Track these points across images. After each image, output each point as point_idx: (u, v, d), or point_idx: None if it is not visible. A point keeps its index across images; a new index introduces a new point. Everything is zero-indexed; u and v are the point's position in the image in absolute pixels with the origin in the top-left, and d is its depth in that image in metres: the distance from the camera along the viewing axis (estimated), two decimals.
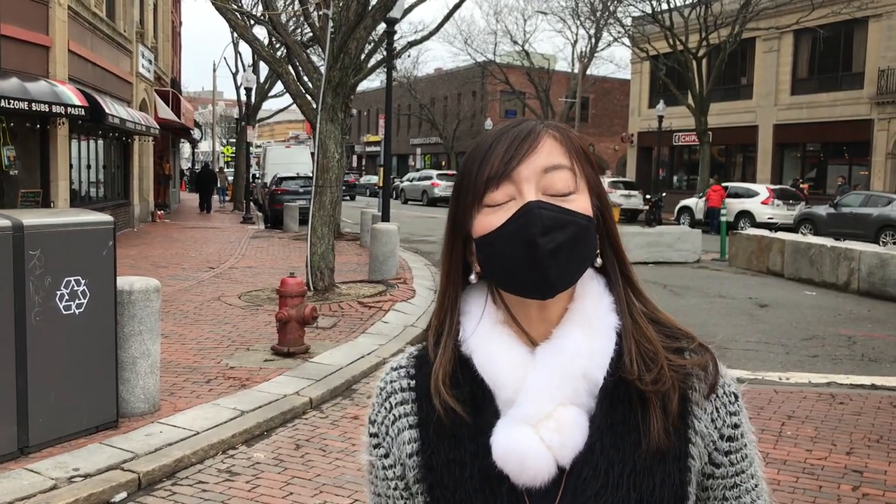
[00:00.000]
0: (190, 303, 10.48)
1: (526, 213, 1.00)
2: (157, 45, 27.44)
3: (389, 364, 1.18)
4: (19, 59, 13.56)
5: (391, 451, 1.13)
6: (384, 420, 1.13)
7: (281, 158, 32.27)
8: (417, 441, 1.10)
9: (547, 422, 1.02)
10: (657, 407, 1.03)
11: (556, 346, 1.04)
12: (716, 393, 1.08)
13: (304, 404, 6.30)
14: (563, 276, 1.02)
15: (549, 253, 0.99)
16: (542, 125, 1.08)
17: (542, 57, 47.71)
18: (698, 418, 1.06)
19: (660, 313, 1.13)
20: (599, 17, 37.84)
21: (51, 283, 5.01)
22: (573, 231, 1.01)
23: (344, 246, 17.55)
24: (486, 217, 1.04)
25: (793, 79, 32.97)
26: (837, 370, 7.81)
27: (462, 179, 1.08)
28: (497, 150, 1.04)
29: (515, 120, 1.10)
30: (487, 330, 1.08)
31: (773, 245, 15.29)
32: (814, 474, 5.01)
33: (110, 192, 20.40)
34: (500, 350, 1.06)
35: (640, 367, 1.04)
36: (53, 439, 5.09)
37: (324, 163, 11.16)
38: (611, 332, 1.06)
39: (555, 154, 1.04)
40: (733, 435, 1.08)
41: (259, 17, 15.86)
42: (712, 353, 1.10)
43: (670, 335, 1.11)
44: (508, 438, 1.02)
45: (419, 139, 61.60)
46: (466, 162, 1.08)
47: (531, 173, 1.02)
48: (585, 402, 1.04)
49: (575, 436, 1.02)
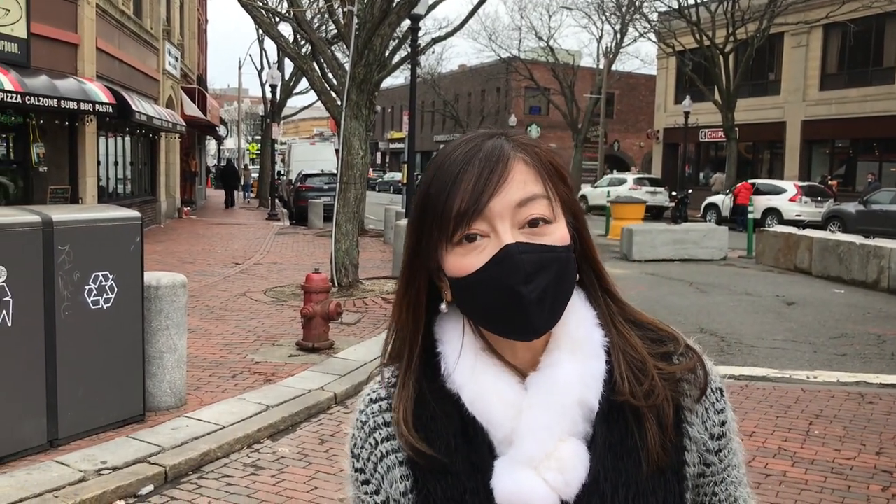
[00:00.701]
0: (216, 298, 10.56)
1: (505, 259, 0.94)
2: (184, 42, 27.67)
3: (366, 394, 1.11)
4: (48, 57, 13.74)
5: (381, 487, 1.06)
6: (370, 456, 1.07)
7: (305, 155, 32.39)
8: (410, 478, 1.03)
9: (548, 462, 0.97)
10: (652, 423, 1.00)
11: (547, 378, 0.99)
12: (705, 394, 1.05)
13: (328, 399, 6.33)
14: (549, 318, 0.97)
15: (532, 301, 0.94)
16: (509, 145, 0.99)
17: (566, 53, 47.44)
18: (691, 424, 1.04)
19: (641, 315, 1.10)
20: (625, 12, 37.56)
21: (79, 278, 5.07)
22: (556, 270, 0.96)
23: (368, 242, 17.61)
24: (461, 258, 0.97)
25: (822, 74, 32.53)
26: (867, 369, 7.70)
27: (425, 208, 0.99)
28: (465, 181, 0.96)
29: (477, 135, 1.02)
30: (471, 362, 1.02)
31: (800, 242, 15.11)
32: (842, 474, 4.95)
33: (137, 188, 20.62)
34: (489, 386, 1.00)
35: (632, 382, 1.00)
36: (82, 432, 5.15)
37: (348, 159, 11.19)
38: (599, 352, 1.02)
39: (527, 183, 0.97)
40: (721, 433, 1.06)
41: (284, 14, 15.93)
42: (699, 354, 1.06)
43: (655, 339, 1.07)
44: (512, 483, 0.97)
45: (443, 136, 61.59)
46: (429, 188, 0.99)
47: (504, 208, 0.95)
48: (582, 429, 0.99)
49: (578, 471, 0.97)
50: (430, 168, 1.02)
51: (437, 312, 1.06)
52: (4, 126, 13.64)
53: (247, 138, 70.20)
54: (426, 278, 1.03)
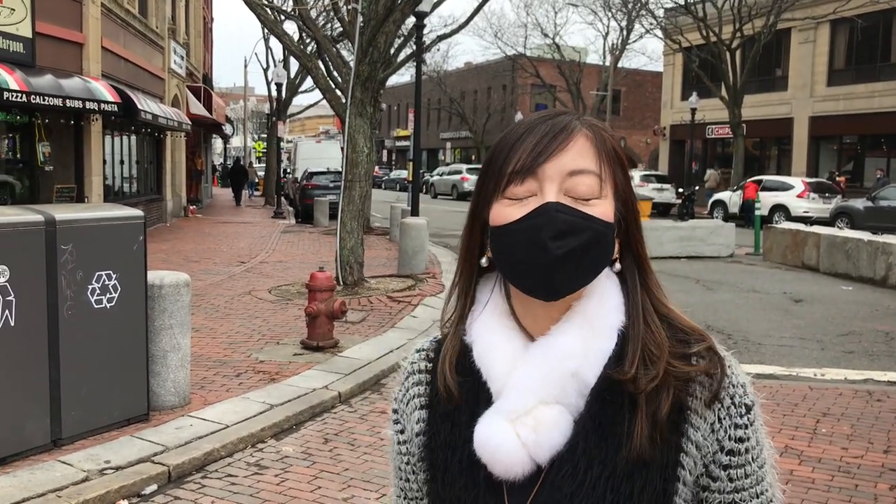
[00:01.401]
0: (221, 297, 10.56)
1: (542, 213, 0.99)
2: (189, 41, 27.70)
3: (415, 346, 1.23)
4: (54, 56, 13.75)
5: (405, 427, 1.17)
6: (403, 398, 1.18)
7: (311, 153, 32.41)
8: (425, 421, 1.14)
9: (525, 418, 1.01)
10: (645, 413, 1.00)
11: (548, 343, 1.04)
12: (721, 402, 1.02)
13: (332, 398, 6.31)
14: (570, 281, 1.01)
15: (557, 258, 0.98)
16: (577, 121, 1.05)
17: (573, 50, 47.38)
18: (695, 427, 1.01)
19: (679, 317, 1.09)
20: (631, 8, 37.47)
21: (82, 278, 5.07)
22: (588, 237, 0.99)
23: (373, 240, 17.59)
24: (504, 208, 1.03)
25: (829, 70, 32.37)
26: (874, 367, 7.65)
27: (488, 165, 1.07)
28: (526, 143, 1.03)
29: (552, 111, 1.08)
30: (491, 320, 1.09)
31: (808, 239, 15.03)
32: (850, 473, 4.91)
33: (143, 187, 20.65)
34: (497, 342, 1.07)
35: (638, 368, 1.01)
36: (85, 432, 5.15)
37: (353, 157, 11.17)
38: (612, 333, 1.04)
39: (584, 157, 1.02)
40: (736, 449, 1.02)
41: (289, 12, 15.93)
42: (722, 360, 1.04)
43: (682, 339, 1.06)
44: (487, 430, 1.03)
45: (449, 133, 61.55)
46: (495, 148, 1.07)
47: (556, 173, 1.01)
48: (574, 402, 1.02)
49: (553, 435, 1.01)
50: (504, 132, 1.10)
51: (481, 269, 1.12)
52: (10, 125, 13.66)
53: (253, 137, 70.28)
54: (481, 231, 1.09)
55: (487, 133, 54.14)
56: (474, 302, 1.12)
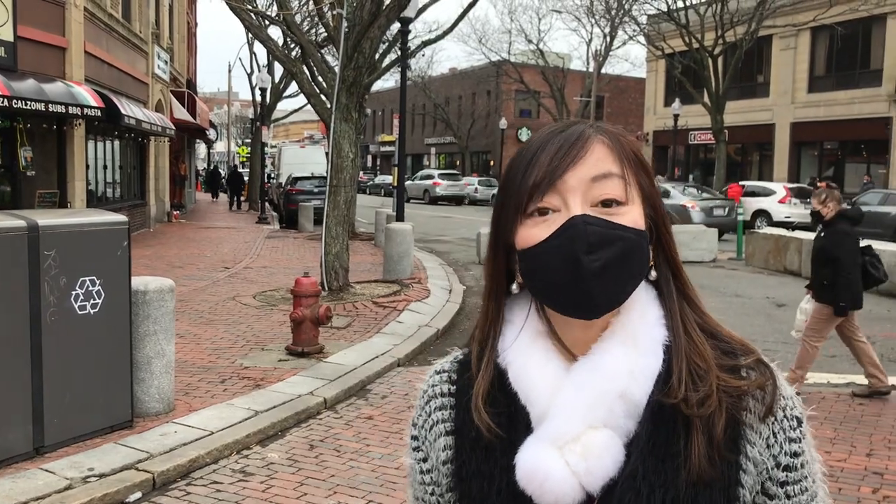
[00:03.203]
0: (205, 303, 10.50)
1: (570, 228, 0.94)
2: (173, 45, 27.57)
3: (434, 367, 1.15)
4: (36, 60, 13.65)
5: (429, 455, 1.10)
6: (424, 423, 1.11)
7: (296, 158, 32.32)
8: (452, 449, 1.07)
9: (573, 445, 0.96)
10: (700, 432, 0.95)
11: (592, 363, 0.98)
12: (774, 416, 0.98)
13: (318, 404, 6.29)
14: (611, 296, 0.96)
15: (594, 273, 0.93)
16: (591, 129, 1.01)
17: (556, 56, 47.56)
18: (752, 443, 0.97)
19: (719, 327, 1.05)
20: (614, 15, 37.68)
21: (66, 284, 5.03)
22: (621, 247, 0.95)
23: (359, 245, 17.56)
24: (529, 229, 0.98)
25: (810, 76, 32.71)
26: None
27: (506, 185, 1.02)
28: (543, 157, 0.98)
29: (564, 123, 1.04)
30: (527, 342, 1.03)
31: (790, 244, 15.15)
32: (833, 476, 4.94)
33: (127, 192, 20.51)
34: (535, 364, 1.01)
35: (689, 387, 0.96)
36: (69, 439, 5.10)
37: (338, 162, 11.16)
38: (657, 349, 0.99)
39: (604, 161, 0.98)
40: (791, 464, 0.99)
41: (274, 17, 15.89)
42: (773, 371, 1.01)
43: (728, 351, 1.02)
44: (532, 459, 0.97)
45: (434, 139, 61.59)
46: (511, 167, 1.03)
47: (578, 182, 0.96)
48: (623, 424, 0.97)
49: (604, 462, 0.95)
50: (518, 149, 1.06)
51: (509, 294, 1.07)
52: None
53: (237, 142, 70.01)
54: (506, 255, 1.04)
55: (472, 139, 54.22)
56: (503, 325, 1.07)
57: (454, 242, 20.32)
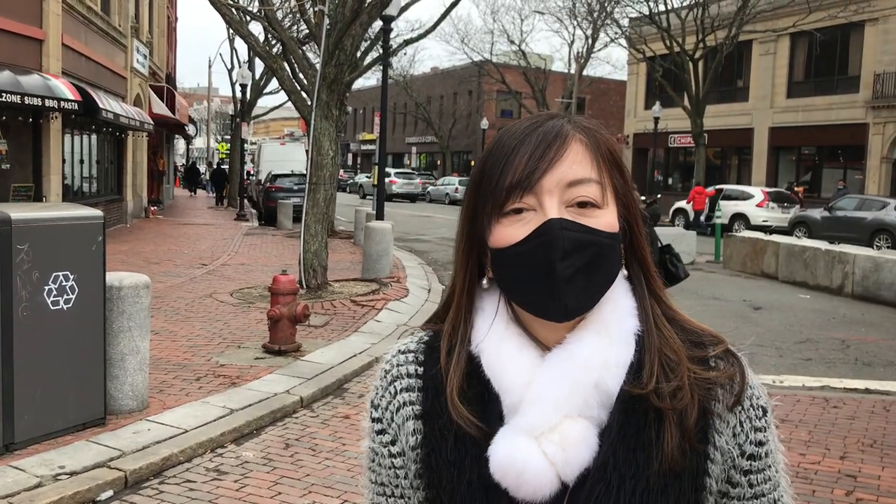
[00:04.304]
0: (181, 299, 10.41)
1: (546, 232, 0.94)
2: (153, 40, 27.32)
3: (396, 346, 1.11)
4: (12, 51, 13.46)
5: (398, 438, 1.06)
6: (388, 405, 1.07)
7: (275, 155, 32.12)
8: (421, 433, 1.04)
9: (551, 435, 0.95)
10: (673, 423, 0.95)
11: (567, 352, 0.98)
12: (741, 405, 0.99)
13: (294, 403, 6.24)
14: (582, 301, 0.96)
15: (567, 279, 0.93)
16: (570, 125, 1.00)
17: (538, 57, 47.68)
18: (719, 432, 0.98)
19: (688, 320, 1.06)
20: (596, 17, 37.83)
21: (38, 278, 4.95)
22: (595, 252, 0.95)
23: (338, 244, 17.50)
24: (505, 229, 0.97)
25: (789, 82, 33.02)
26: (831, 374, 7.79)
27: (481, 181, 1.00)
28: (520, 155, 0.97)
29: (542, 115, 1.02)
30: (500, 331, 1.02)
31: (767, 248, 15.28)
32: (807, 479, 4.98)
33: (103, 187, 20.29)
34: (509, 352, 1.00)
35: (659, 378, 0.96)
36: (40, 436, 5.02)
37: (318, 160, 11.10)
38: (629, 340, 0.99)
39: (582, 164, 0.97)
40: (756, 453, 1.00)
41: (255, 13, 15.79)
42: (741, 361, 1.02)
43: (697, 342, 1.03)
44: (508, 450, 0.95)
45: (415, 138, 61.52)
46: (486, 161, 1.01)
47: (555, 185, 0.95)
48: (597, 414, 0.97)
49: (581, 452, 0.95)
50: (491, 143, 1.02)
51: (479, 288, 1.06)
52: None
53: (216, 138, 69.55)
54: (478, 251, 1.03)
55: (453, 138, 54.20)
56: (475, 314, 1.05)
57: (434, 242, 20.29)
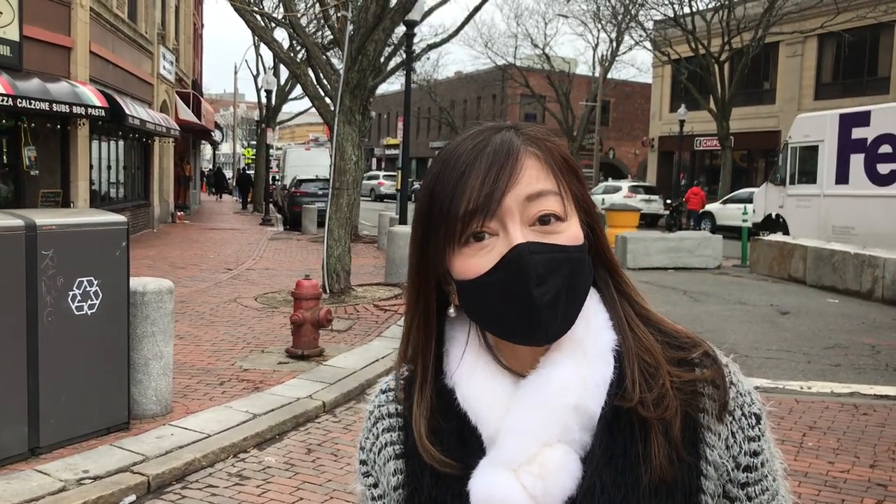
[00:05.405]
0: (206, 304, 10.47)
1: (515, 260, 0.88)
2: (179, 46, 27.61)
3: (379, 385, 1.10)
4: (41, 59, 13.66)
5: (379, 480, 1.04)
6: (372, 447, 1.05)
7: (300, 161, 32.34)
8: (403, 473, 1.01)
9: (529, 466, 0.91)
10: (659, 432, 0.91)
11: (540, 377, 0.93)
12: (732, 415, 0.95)
13: (316, 408, 6.25)
14: (564, 322, 0.91)
15: (546, 304, 0.89)
16: (518, 138, 0.94)
17: (562, 60, 47.52)
18: (711, 446, 0.93)
19: (663, 321, 1.01)
20: (621, 20, 37.61)
21: (63, 284, 4.99)
22: (569, 270, 0.90)
23: (361, 248, 17.53)
24: (468, 259, 0.91)
25: (816, 83, 32.61)
26: (861, 380, 7.65)
27: (430, 209, 0.93)
28: (473, 179, 0.90)
29: (485, 129, 0.96)
30: (471, 361, 0.98)
31: (794, 252, 15.08)
32: (836, 487, 4.88)
33: (130, 192, 20.52)
34: (482, 382, 0.96)
35: (642, 388, 0.92)
36: (64, 440, 5.06)
37: (341, 165, 11.13)
38: (607, 356, 0.94)
39: (538, 179, 0.92)
40: (752, 464, 0.95)
41: (279, 19, 15.90)
42: (721, 365, 0.97)
43: (675, 344, 0.98)
44: (486, 486, 0.92)
45: (438, 142, 61.56)
46: (434, 186, 0.93)
47: (515, 204, 0.90)
48: (578, 437, 0.92)
49: (562, 481, 0.90)
50: (435, 164, 0.96)
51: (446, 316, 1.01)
52: None
53: (242, 143, 70.11)
54: (434, 283, 0.98)
55: None
56: (442, 344, 1.01)
57: None
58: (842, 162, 17.51)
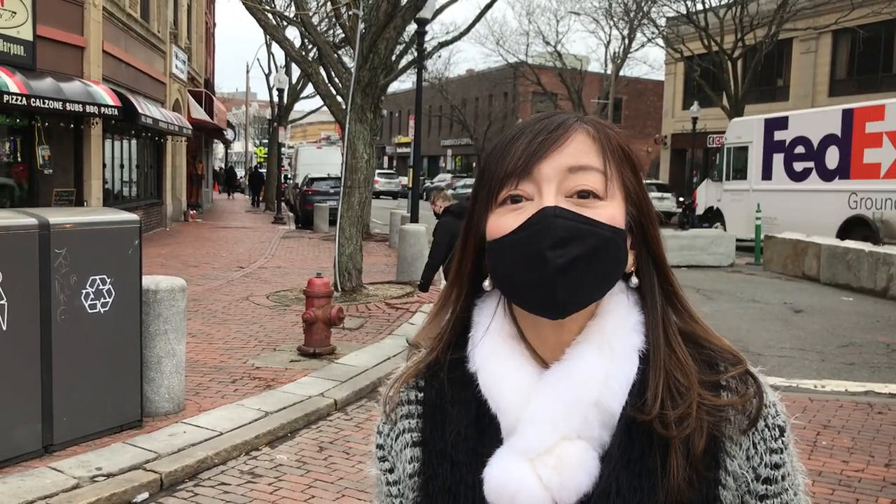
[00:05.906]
0: (219, 302, 10.51)
1: (539, 220, 0.89)
2: (191, 45, 27.71)
3: (399, 370, 1.09)
4: (54, 59, 13.73)
5: (395, 466, 1.04)
6: (390, 432, 1.05)
7: (312, 159, 32.43)
8: (419, 461, 1.00)
9: (546, 457, 0.89)
10: (679, 453, 0.89)
11: (565, 368, 0.92)
12: (755, 426, 0.93)
13: (328, 406, 6.26)
14: (576, 295, 0.89)
15: (559, 268, 0.87)
16: (575, 118, 0.96)
17: (574, 58, 47.43)
18: (732, 456, 0.92)
19: (709, 335, 0.99)
20: (633, 17, 37.50)
21: (76, 282, 5.02)
22: (593, 244, 0.89)
23: (373, 247, 17.55)
24: (500, 218, 0.93)
25: (831, 80, 32.37)
26: (875, 379, 7.59)
27: (482, 173, 0.98)
28: (520, 144, 0.93)
29: (550, 112, 0.99)
30: (496, 345, 0.97)
31: (808, 249, 14.99)
32: (850, 486, 4.85)
33: (143, 191, 20.62)
34: (506, 370, 0.95)
35: (665, 404, 0.90)
36: (77, 438, 5.09)
37: (353, 163, 11.14)
38: (633, 356, 0.93)
39: (585, 153, 0.92)
40: (772, 477, 0.93)
41: (291, 18, 15.93)
42: (759, 384, 0.95)
43: (712, 362, 0.96)
44: (502, 473, 0.91)
45: (450, 140, 61.57)
46: (488, 154, 0.98)
47: (554, 172, 0.91)
48: (597, 434, 0.91)
49: (579, 476, 0.89)
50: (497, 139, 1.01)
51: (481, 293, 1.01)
52: (10, 128, 13.64)
53: (254, 142, 70.31)
54: (476, 248, 0.99)
55: (489, 140, 54.06)
56: (470, 326, 1.00)
57: None
58: (766, 161, 19.75)
